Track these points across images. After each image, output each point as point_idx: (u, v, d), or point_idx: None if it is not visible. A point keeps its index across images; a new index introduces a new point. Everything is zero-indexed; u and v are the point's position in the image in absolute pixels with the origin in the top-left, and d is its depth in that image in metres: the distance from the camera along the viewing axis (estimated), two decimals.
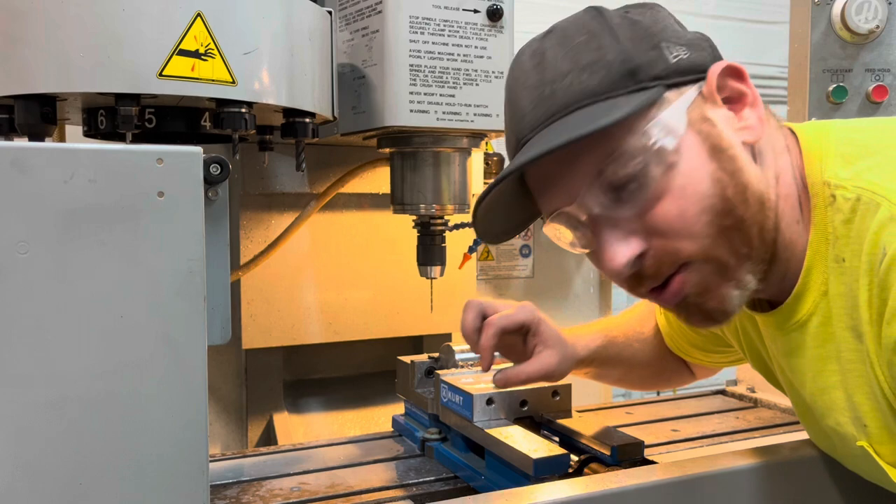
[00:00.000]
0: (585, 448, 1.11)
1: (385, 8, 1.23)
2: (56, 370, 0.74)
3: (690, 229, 0.83)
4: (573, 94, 0.83)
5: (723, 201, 0.82)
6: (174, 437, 0.78)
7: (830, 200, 0.85)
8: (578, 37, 0.85)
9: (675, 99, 0.84)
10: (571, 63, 0.84)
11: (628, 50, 0.83)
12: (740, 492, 0.98)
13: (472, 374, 1.25)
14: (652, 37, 0.85)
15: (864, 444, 0.88)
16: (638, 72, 0.83)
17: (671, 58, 0.84)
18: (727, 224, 0.83)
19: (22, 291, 0.72)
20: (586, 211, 0.86)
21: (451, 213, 1.40)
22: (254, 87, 1.03)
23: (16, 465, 0.73)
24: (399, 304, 1.68)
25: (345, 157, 1.57)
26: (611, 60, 0.83)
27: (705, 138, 0.84)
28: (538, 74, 0.86)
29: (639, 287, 0.89)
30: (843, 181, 0.84)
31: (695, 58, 0.86)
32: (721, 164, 0.83)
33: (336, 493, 1.09)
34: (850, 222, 0.83)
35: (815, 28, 1.62)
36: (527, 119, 0.86)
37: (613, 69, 0.83)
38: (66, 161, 0.73)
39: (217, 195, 0.83)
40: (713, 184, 0.82)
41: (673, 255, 0.84)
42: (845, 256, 0.84)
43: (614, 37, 0.84)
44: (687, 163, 0.82)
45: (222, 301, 0.86)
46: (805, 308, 0.89)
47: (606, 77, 0.83)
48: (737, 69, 0.86)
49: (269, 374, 1.63)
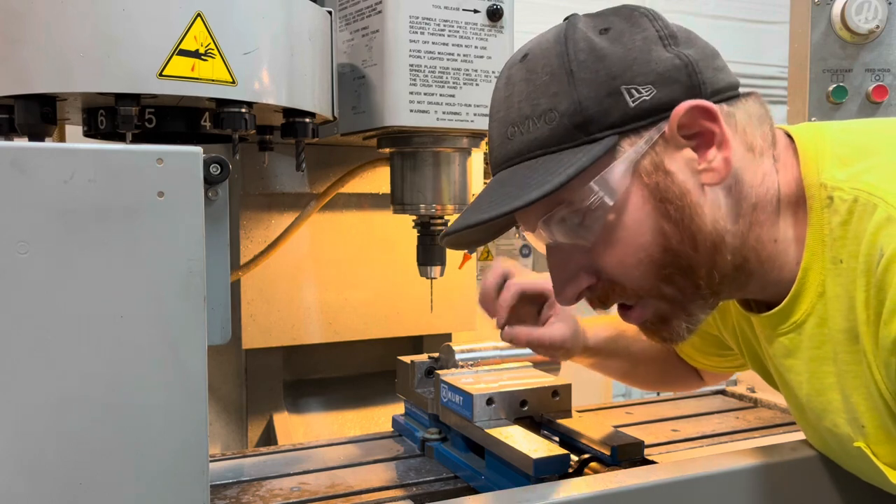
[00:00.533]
0: (585, 448, 1.11)
1: (385, 8, 1.23)
2: (56, 370, 0.74)
3: (630, 275, 0.87)
4: (527, 142, 0.85)
5: (664, 252, 0.85)
6: (174, 436, 0.78)
7: (827, 202, 0.85)
8: (541, 76, 0.85)
9: (627, 148, 0.83)
10: (530, 107, 0.85)
11: (583, 99, 0.82)
12: (740, 492, 0.98)
13: (472, 374, 1.25)
14: (612, 80, 0.82)
15: (861, 444, 0.88)
16: (589, 124, 0.82)
17: (631, 101, 0.82)
18: (668, 273, 0.86)
19: (22, 291, 0.72)
20: (544, 240, 0.91)
21: (451, 213, 1.40)
22: (254, 87, 1.03)
23: (16, 466, 0.73)
24: (399, 304, 1.68)
25: (345, 157, 1.57)
26: (563, 111, 0.83)
27: (653, 190, 0.84)
28: (505, 110, 0.89)
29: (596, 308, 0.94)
30: (840, 183, 0.85)
31: (661, 96, 0.82)
32: (667, 214, 0.84)
33: (336, 493, 1.09)
34: (847, 224, 0.83)
35: (815, 28, 1.62)
36: (494, 153, 0.91)
37: (565, 121, 0.83)
38: (66, 161, 0.73)
39: (217, 195, 0.83)
40: (656, 236, 0.84)
41: (619, 293, 0.89)
42: (842, 257, 0.84)
43: (572, 83, 0.83)
44: (630, 215, 0.84)
45: (222, 301, 0.86)
46: (801, 309, 0.89)
47: (557, 129, 0.83)
48: (705, 109, 0.82)
49: (269, 374, 1.63)
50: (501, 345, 1.35)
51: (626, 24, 0.86)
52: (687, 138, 0.83)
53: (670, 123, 0.82)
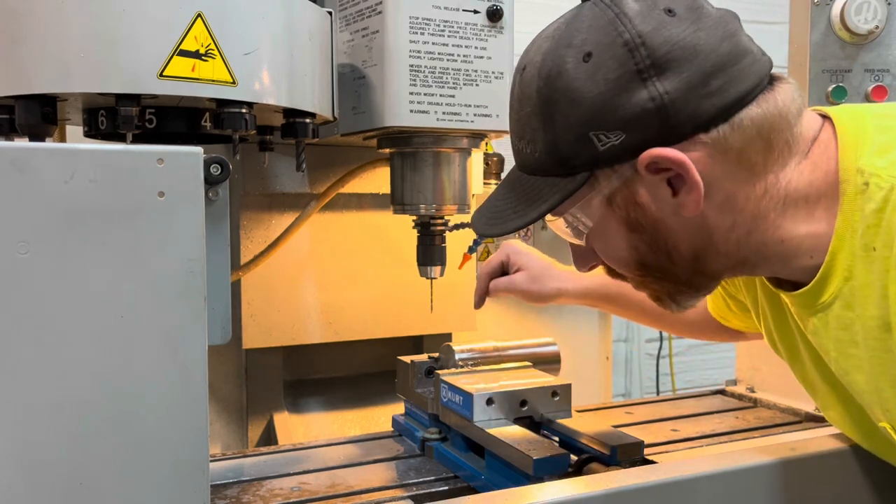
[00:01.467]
0: (585, 448, 1.11)
1: (385, 8, 1.23)
2: (56, 370, 0.74)
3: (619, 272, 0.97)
4: (524, 160, 0.92)
5: (641, 267, 0.93)
6: (174, 436, 0.78)
7: (862, 188, 0.85)
8: (525, 107, 0.89)
9: (603, 182, 0.87)
10: (521, 129, 0.91)
11: (557, 141, 0.86)
12: (740, 491, 0.98)
13: (471, 374, 1.25)
14: (582, 126, 0.84)
15: (885, 425, 0.89)
16: (565, 162, 0.87)
17: (600, 146, 0.84)
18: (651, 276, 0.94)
19: (22, 291, 0.73)
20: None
21: (451, 214, 1.40)
22: (254, 88, 1.03)
23: (16, 466, 0.73)
24: (399, 304, 1.68)
25: (345, 157, 1.57)
26: (542, 148, 0.88)
27: (625, 220, 0.90)
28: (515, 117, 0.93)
29: None
30: (878, 170, 0.84)
31: (632, 139, 0.83)
32: (641, 239, 0.90)
33: (336, 493, 1.09)
34: (881, 211, 0.83)
35: (814, 28, 1.62)
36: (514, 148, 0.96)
37: (544, 156, 0.88)
38: (67, 161, 0.73)
39: (217, 195, 0.83)
40: (632, 252, 0.92)
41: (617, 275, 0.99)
42: (876, 245, 0.83)
43: (549, 124, 0.86)
44: (608, 236, 0.92)
45: (222, 301, 0.86)
46: (828, 292, 0.89)
47: (540, 159, 0.89)
48: (668, 160, 0.82)
49: (269, 374, 1.63)
50: (501, 345, 1.35)
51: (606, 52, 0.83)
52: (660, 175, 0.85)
53: (638, 166, 0.85)
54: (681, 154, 0.82)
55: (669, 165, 0.83)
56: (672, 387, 3.01)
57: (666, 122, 0.82)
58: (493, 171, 1.92)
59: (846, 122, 0.90)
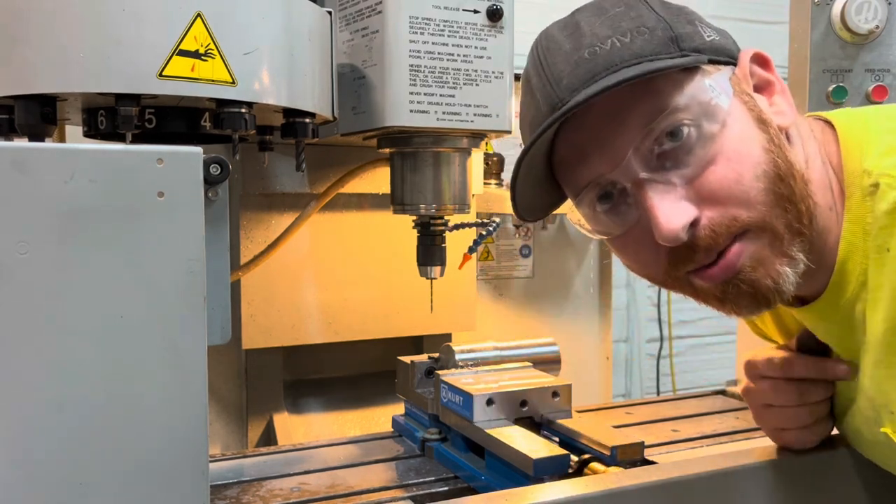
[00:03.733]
0: (585, 448, 1.11)
1: (385, 8, 1.23)
2: (56, 370, 0.74)
3: (747, 195, 0.79)
4: (617, 54, 0.79)
5: (776, 168, 0.80)
6: (174, 437, 0.78)
7: (870, 190, 0.82)
8: (614, 8, 0.84)
9: (715, 72, 0.83)
10: (611, 29, 0.81)
11: (668, 20, 0.82)
12: (740, 492, 0.98)
13: (472, 375, 1.25)
14: (686, 14, 0.85)
15: (887, 430, 0.87)
16: (680, 40, 0.81)
17: (706, 36, 0.84)
18: (782, 192, 0.80)
19: (22, 291, 0.72)
20: (631, 176, 0.82)
21: (451, 214, 1.40)
22: (254, 88, 1.03)
23: (16, 466, 0.73)
24: (399, 304, 1.68)
25: (345, 157, 1.57)
26: (652, 27, 0.81)
27: (751, 109, 0.83)
28: (574, 41, 0.83)
29: (684, 265, 0.84)
30: (887, 169, 0.82)
31: (724, 42, 0.86)
32: (768, 136, 0.82)
33: (336, 494, 1.09)
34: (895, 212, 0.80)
35: (814, 28, 1.62)
36: (564, 82, 0.81)
37: (657, 34, 0.80)
38: (66, 161, 0.73)
39: (217, 195, 0.83)
40: (764, 152, 0.80)
41: (730, 223, 0.80)
42: (890, 246, 0.81)
43: (651, 9, 0.83)
44: (738, 127, 0.80)
45: (222, 301, 0.86)
46: (846, 296, 0.87)
47: (650, 41, 0.80)
48: (764, 57, 0.86)
49: (269, 374, 1.63)
50: (501, 345, 1.35)
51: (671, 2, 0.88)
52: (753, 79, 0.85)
53: (741, 65, 0.85)
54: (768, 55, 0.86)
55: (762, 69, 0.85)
56: (672, 387, 3.02)
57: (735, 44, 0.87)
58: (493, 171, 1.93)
59: (847, 123, 0.89)
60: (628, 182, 0.83)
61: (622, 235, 0.87)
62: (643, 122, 0.80)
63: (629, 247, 0.88)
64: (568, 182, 0.89)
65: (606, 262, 2.16)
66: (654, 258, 0.85)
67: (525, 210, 0.93)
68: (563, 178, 0.90)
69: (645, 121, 0.80)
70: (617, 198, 0.85)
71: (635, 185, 0.82)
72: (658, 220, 0.80)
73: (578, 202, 0.88)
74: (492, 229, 1.48)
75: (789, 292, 0.83)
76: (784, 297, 0.84)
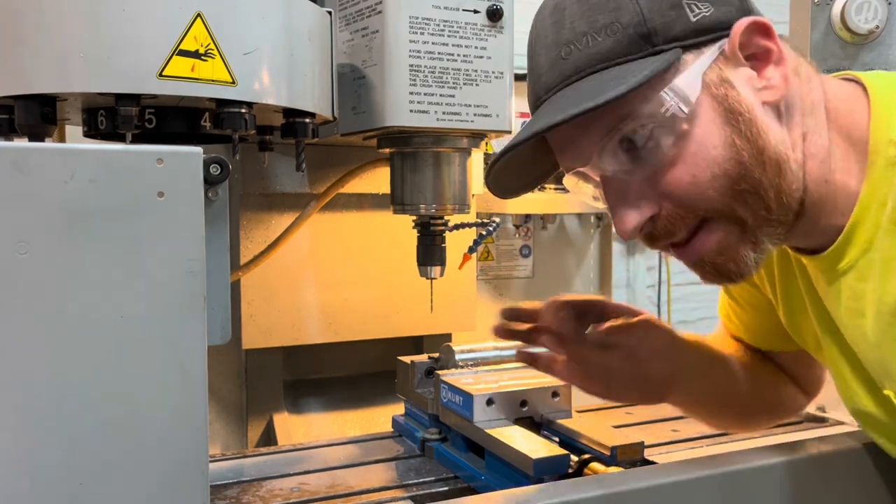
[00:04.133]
0: (585, 448, 1.11)
1: (385, 8, 1.23)
2: (56, 370, 0.74)
3: (703, 194, 0.83)
4: (587, 57, 0.83)
5: (738, 165, 0.82)
6: (174, 436, 0.78)
7: (894, 160, 0.82)
8: None
9: (692, 61, 0.83)
10: (588, 24, 0.83)
11: (646, 11, 0.82)
12: (740, 492, 0.98)
13: (472, 375, 1.25)
14: None
15: (889, 392, 0.88)
16: (653, 35, 0.82)
17: (692, 16, 0.83)
18: (743, 188, 0.82)
19: (22, 291, 0.72)
20: (598, 172, 0.87)
21: (450, 214, 1.40)
22: (254, 88, 1.03)
23: (16, 465, 0.73)
24: (399, 304, 1.68)
25: (345, 157, 1.57)
26: (626, 23, 0.82)
27: (721, 101, 0.83)
28: (555, 33, 0.86)
29: (653, 244, 0.90)
30: None
31: (719, 14, 0.84)
32: (737, 128, 0.82)
33: (336, 494, 1.09)
34: None
35: (814, 28, 1.62)
36: (542, 80, 0.87)
37: (628, 32, 0.82)
38: (66, 161, 0.73)
39: (217, 195, 0.83)
40: (727, 149, 0.82)
41: (685, 215, 0.84)
42: None
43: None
44: (701, 128, 0.82)
45: (222, 301, 0.86)
46: (845, 260, 0.88)
47: (621, 41, 0.82)
48: (763, 25, 0.84)
49: (269, 374, 1.63)
50: (501, 345, 1.35)
51: None
52: (745, 58, 0.84)
53: (731, 40, 0.83)
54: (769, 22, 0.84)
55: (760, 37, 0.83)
56: None
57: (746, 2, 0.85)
58: None
59: (882, 89, 0.88)
60: (597, 177, 0.88)
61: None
62: (604, 128, 0.84)
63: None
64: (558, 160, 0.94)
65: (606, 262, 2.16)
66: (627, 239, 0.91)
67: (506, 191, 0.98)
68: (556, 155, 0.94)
69: (607, 124, 0.83)
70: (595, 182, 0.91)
71: (601, 181, 0.88)
72: (614, 220, 0.87)
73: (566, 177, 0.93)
74: (492, 229, 1.48)
75: (753, 272, 0.87)
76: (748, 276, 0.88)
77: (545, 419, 1.18)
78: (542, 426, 1.18)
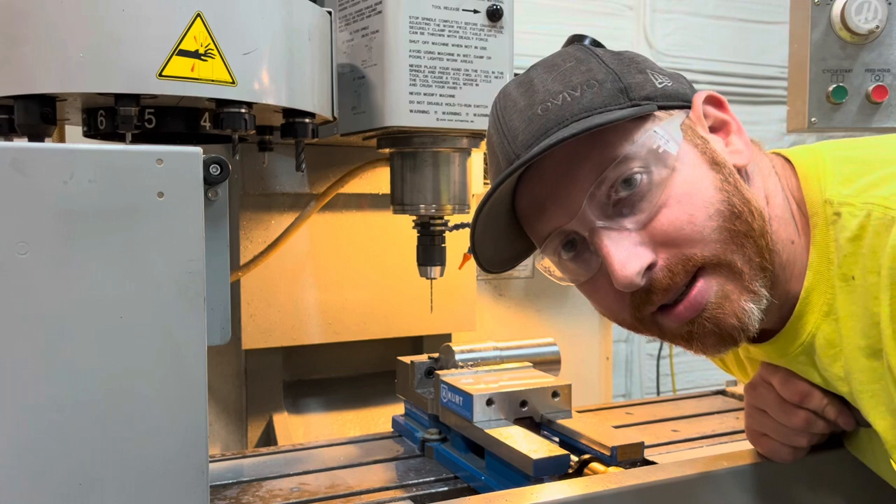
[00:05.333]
0: (585, 448, 1.11)
1: (385, 8, 1.23)
2: (56, 370, 0.74)
3: (701, 233, 0.81)
4: (568, 109, 0.82)
5: (730, 207, 0.81)
6: (174, 437, 0.78)
7: (833, 219, 0.83)
8: (565, 63, 0.87)
9: (667, 117, 0.85)
10: (562, 84, 0.84)
11: (617, 71, 0.84)
12: (740, 492, 0.98)
13: (471, 375, 1.25)
14: (637, 64, 0.88)
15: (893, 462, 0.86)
16: (629, 90, 0.83)
17: (657, 83, 0.86)
18: (738, 229, 0.81)
19: (22, 291, 0.72)
20: (588, 225, 0.84)
21: (450, 214, 1.40)
22: (253, 88, 1.03)
23: (16, 465, 0.73)
24: (399, 304, 1.68)
25: (345, 158, 1.57)
26: (601, 79, 0.84)
27: (703, 151, 0.84)
28: (528, 98, 0.85)
29: (646, 306, 0.85)
30: (847, 198, 0.83)
31: (677, 87, 0.88)
32: (722, 175, 0.83)
33: (336, 494, 1.09)
34: (859, 239, 0.81)
35: (815, 28, 1.62)
36: (520, 138, 0.84)
37: (606, 87, 0.83)
38: (66, 161, 0.73)
39: (217, 195, 0.83)
40: (717, 192, 0.82)
41: (685, 262, 0.82)
42: (854, 274, 0.81)
43: (601, 62, 0.86)
44: (690, 170, 0.82)
45: (222, 301, 0.86)
46: (807, 329, 0.88)
47: (600, 94, 0.82)
48: (717, 98, 0.88)
49: (269, 375, 1.63)
50: (501, 345, 1.35)
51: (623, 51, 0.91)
52: (709, 128, 0.87)
53: (694, 108, 0.86)
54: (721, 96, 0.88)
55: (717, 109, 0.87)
56: (672, 387, 3.01)
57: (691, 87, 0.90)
58: None
59: (802, 157, 0.90)
60: (585, 231, 0.85)
61: (589, 281, 0.89)
62: (595, 172, 0.83)
63: (597, 292, 0.90)
64: (532, 232, 0.92)
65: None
66: (619, 302, 0.87)
67: (488, 262, 0.96)
68: (528, 228, 0.93)
69: (597, 171, 0.83)
70: (580, 245, 0.88)
71: (592, 234, 0.85)
72: (613, 267, 0.82)
73: (544, 250, 0.90)
74: None
75: (754, 329, 0.84)
76: (749, 335, 0.85)
77: (545, 419, 1.18)
78: (542, 426, 1.18)
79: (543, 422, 1.18)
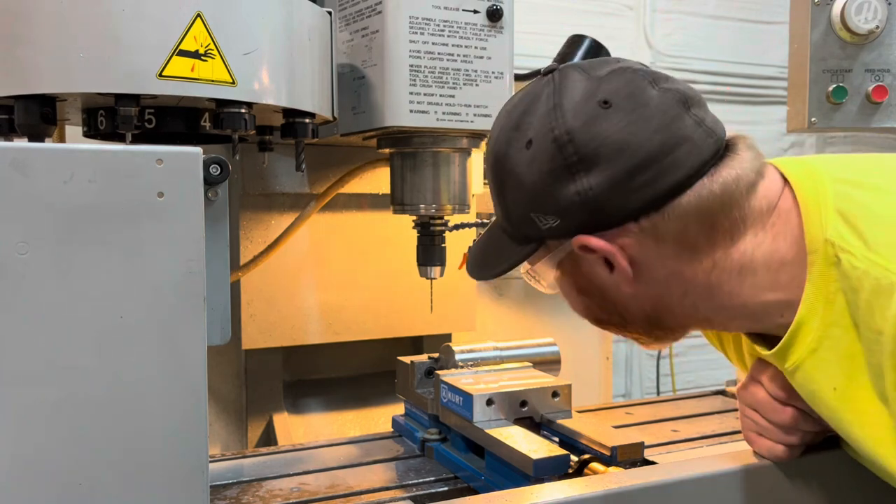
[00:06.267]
0: (585, 448, 1.11)
1: (385, 8, 1.23)
2: (56, 370, 0.74)
3: None
4: (496, 214, 0.98)
5: (597, 321, 1.00)
6: (174, 437, 0.78)
7: (835, 261, 0.84)
8: (489, 173, 0.96)
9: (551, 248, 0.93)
10: (492, 191, 0.97)
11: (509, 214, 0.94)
12: (740, 492, 0.98)
13: (471, 375, 1.25)
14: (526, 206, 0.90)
15: None
16: (517, 231, 0.94)
17: (542, 226, 0.90)
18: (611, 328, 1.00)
19: (22, 291, 0.72)
20: None
21: (450, 214, 1.40)
22: (253, 88, 1.03)
23: (16, 465, 0.73)
24: (399, 304, 1.68)
25: (345, 158, 1.57)
26: (500, 214, 0.96)
27: (574, 283, 0.96)
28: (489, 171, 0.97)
29: None
30: (851, 248, 0.83)
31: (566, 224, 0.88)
32: (591, 299, 0.96)
33: (336, 494, 1.09)
34: (857, 291, 0.82)
35: (814, 28, 1.63)
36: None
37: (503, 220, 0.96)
38: (66, 161, 0.73)
39: (217, 195, 0.83)
40: (585, 311, 1.00)
41: None
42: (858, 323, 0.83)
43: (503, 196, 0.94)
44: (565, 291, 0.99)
45: (222, 301, 0.86)
46: (790, 360, 0.90)
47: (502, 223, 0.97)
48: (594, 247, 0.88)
49: (269, 375, 1.63)
50: (501, 345, 1.35)
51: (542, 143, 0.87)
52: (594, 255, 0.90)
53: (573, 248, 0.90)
54: (605, 243, 0.88)
55: (596, 251, 0.88)
56: (672, 387, 3.01)
57: (594, 212, 0.87)
58: None
59: (805, 186, 0.89)
60: None
61: None
62: None
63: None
64: None
65: None
66: None
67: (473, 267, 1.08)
68: None
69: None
70: None
71: None
72: None
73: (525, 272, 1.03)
74: None
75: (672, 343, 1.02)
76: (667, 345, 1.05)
77: (545, 419, 1.18)
78: (542, 426, 1.18)
79: (543, 422, 1.18)
